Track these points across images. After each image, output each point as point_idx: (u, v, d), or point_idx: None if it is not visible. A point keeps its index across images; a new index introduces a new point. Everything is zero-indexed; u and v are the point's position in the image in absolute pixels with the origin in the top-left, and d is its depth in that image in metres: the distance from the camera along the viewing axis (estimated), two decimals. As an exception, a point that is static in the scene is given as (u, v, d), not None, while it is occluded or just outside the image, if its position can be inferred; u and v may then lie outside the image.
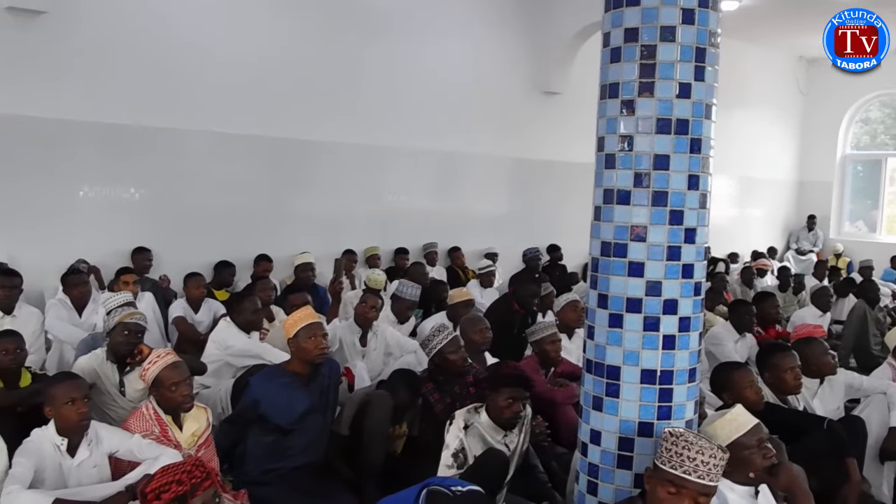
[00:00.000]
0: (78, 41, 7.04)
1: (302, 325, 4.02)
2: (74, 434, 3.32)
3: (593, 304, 3.09)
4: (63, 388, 3.31)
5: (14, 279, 5.49)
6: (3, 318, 5.32)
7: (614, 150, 2.97)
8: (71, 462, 3.31)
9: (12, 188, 6.84)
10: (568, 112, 10.45)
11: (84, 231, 7.25)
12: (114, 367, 4.40)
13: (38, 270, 6.57)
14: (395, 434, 4.48)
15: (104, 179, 7.47)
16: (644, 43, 2.86)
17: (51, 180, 7.07)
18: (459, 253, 9.89)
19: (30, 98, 6.81)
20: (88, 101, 7.12)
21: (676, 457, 2.52)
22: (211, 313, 6.55)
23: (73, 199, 7.28)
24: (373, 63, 8.99)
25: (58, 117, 6.98)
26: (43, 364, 5.41)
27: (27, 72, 6.77)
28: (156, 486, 2.37)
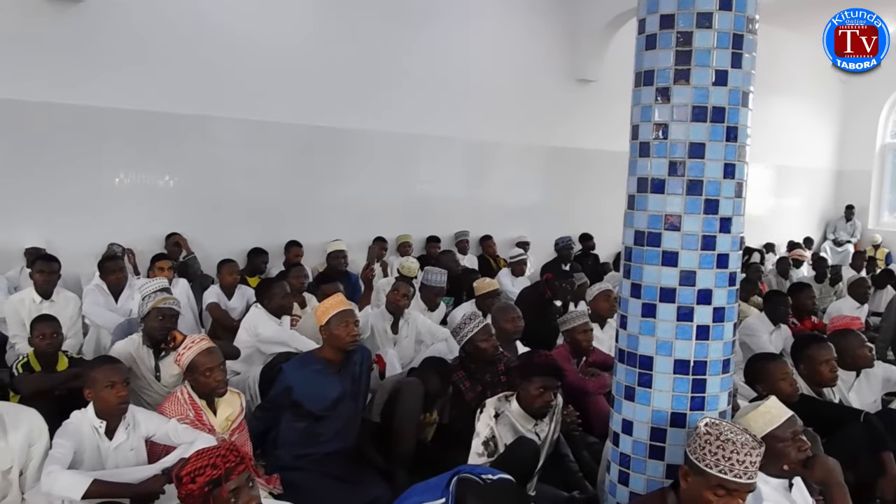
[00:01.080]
0: (114, 30, 7.11)
1: (334, 311, 4.04)
2: (113, 417, 3.38)
3: (626, 293, 3.07)
4: (103, 371, 3.37)
5: (53, 264, 5.57)
6: (42, 303, 5.41)
7: (649, 138, 2.94)
8: (109, 444, 3.37)
9: (49, 175, 6.96)
10: (602, 100, 10.36)
11: (119, 217, 7.35)
12: (149, 351, 4.47)
13: (75, 256, 6.69)
14: (425, 421, 4.50)
15: (139, 167, 7.57)
16: (680, 29, 2.83)
17: (87, 167, 7.18)
18: (491, 241, 9.87)
19: (66, 86, 6.91)
20: (124, 89, 7.20)
21: (725, 461, 2.46)
22: (244, 300, 6.60)
23: (109, 185, 7.39)
24: (405, 51, 8.98)
25: (94, 105, 7.08)
26: (80, 348, 5.50)
27: (63, 60, 6.87)
28: (191, 469, 2.39)
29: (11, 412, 3.30)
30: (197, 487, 2.35)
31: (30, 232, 6.87)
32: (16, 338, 5.32)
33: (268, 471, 3.87)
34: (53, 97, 6.86)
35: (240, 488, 2.38)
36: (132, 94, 7.25)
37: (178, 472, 2.44)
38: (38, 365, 4.33)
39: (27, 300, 5.42)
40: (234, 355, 4.95)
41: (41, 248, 6.67)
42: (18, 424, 3.26)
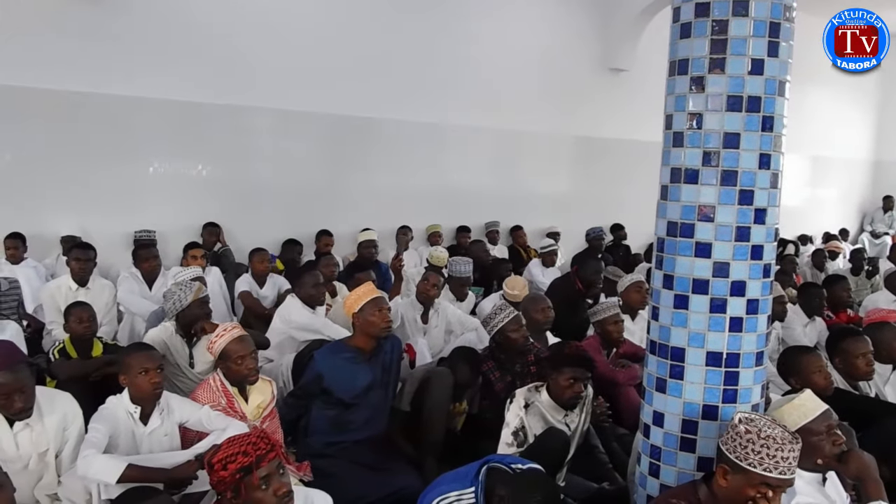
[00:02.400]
0: (148, 21, 7.20)
1: (367, 299, 4.06)
2: (147, 403, 3.43)
3: (658, 284, 3.04)
4: (137, 358, 3.41)
5: (89, 252, 5.65)
6: (78, 290, 5.48)
7: (683, 127, 2.91)
8: (143, 430, 3.42)
9: (85, 164, 7.07)
10: (634, 89, 10.27)
11: (153, 206, 7.45)
12: (182, 339, 4.52)
13: (109, 244, 6.80)
14: (455, 411, 4.51)
15: (173, 156, 7.66)
16: (716, 18, 2.79)
17: (121, 157, 7.28)
18: (521, 232, 9.84)
19: (102, 76, 7.00)
20: (158, 79, 7.28)
21: (770, 459, 2.43)
22: (275, 288, 6.65)
23: (143, 174, 7.49)
24: (436, 41, 8.96)
25: (128, 95, 7.17)
26: (115, 335, 5.57)
27: (98, 51, 6.96)
28: (222, 456, 2.42)
29: (47, 396, 3.36)
30: (228, 474, 2.38)
31: (65, 220, 7.00)
32: (52, 324, 5.41)
33: (298, 458, 3.90)
34: (88, 87, 6.96)
35: (270, 475, 2.41)
36: (166, 84, 7.32)
37: (209, 459, 2.46)
38: (73, 351, 4.41)
39: (63, 287, 5.50)
40: (264, 345, 4.99)
41: (77, 236, 6.79)
42: (53, 408, 3.32)
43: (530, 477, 2.77)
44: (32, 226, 6.81)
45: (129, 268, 6.28)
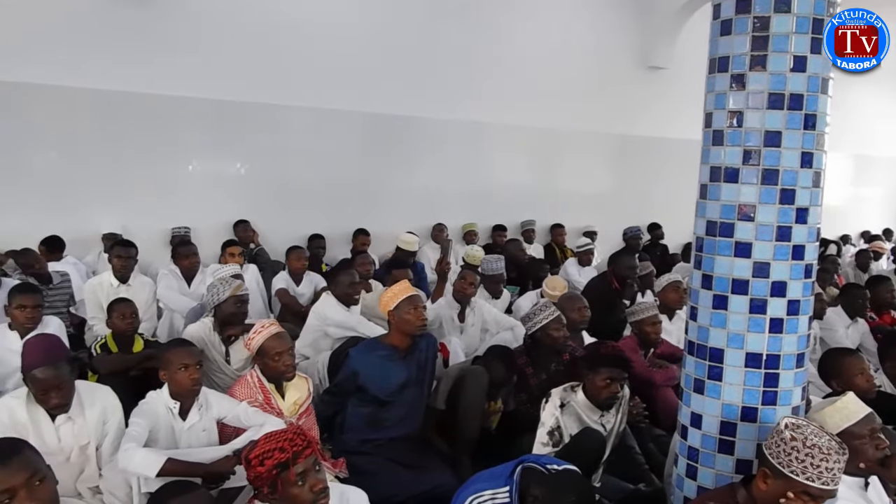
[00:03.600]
0: (187, 21, 7.31)
1: (403, 297, 4.06)
2: (186, 398, 3.47)
3: (697, 284, 3.01)
4: (177, 354, 3.46)
5: (130, 249, 5.73)
6: (119, 286, 5.56)
7: (723, 126, 2.87)
8: (182, 425, 3.46)
9: (125, 162, 7.21)
10: (673, 87, 10.16)
11: (191, 203, 7.56)
12: (220, 335, 4.58)
13: (149, 241, 6.90)
14: (490, 409, 4.50)
15: (211, 154, 7.78)
16: (757, 14, 2.75)
17: (161, 155, 7.41)
18: (561, 229, 9.81)
19: (141, 76, 7.13)
20: (196, 78, 7.39)
21: (813, 469, 2.38)
22: (312, 286, 6.69)
23: (183, 173, 7.61)
24: (473, 37, 8.95)
25: (167, 94, 7.29)
26: (154, 331, 5.65)
27: (139, 50, 7.09)
28: (259, 452, 2.44)
29: (87, 390, 3.41)
30: (265, 470, 2.40)
31: (106, 218, 7.13)
32: (94, 320, 5.50)
33: (334, 455, 3.91)
34: (128, 87, 7.08)
35: (307, 471, 2.42)
36: (205, 83, 7.43)
37: (246, 455, 2.49)
38: (115, 346, 4.49)
39: (105, 284, 5.58)
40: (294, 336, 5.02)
41: (118, 233, 6.90)
42: (94, 401, 3.37)
43: (565, 477, 2.75)
44: (74, 223, 6.96)
45: (167, 265, 6.36)
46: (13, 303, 4.35)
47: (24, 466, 2.18)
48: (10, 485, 2.12)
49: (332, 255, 8.10)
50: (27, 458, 2.23)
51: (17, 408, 3.20)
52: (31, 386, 3.15)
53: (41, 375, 3.11)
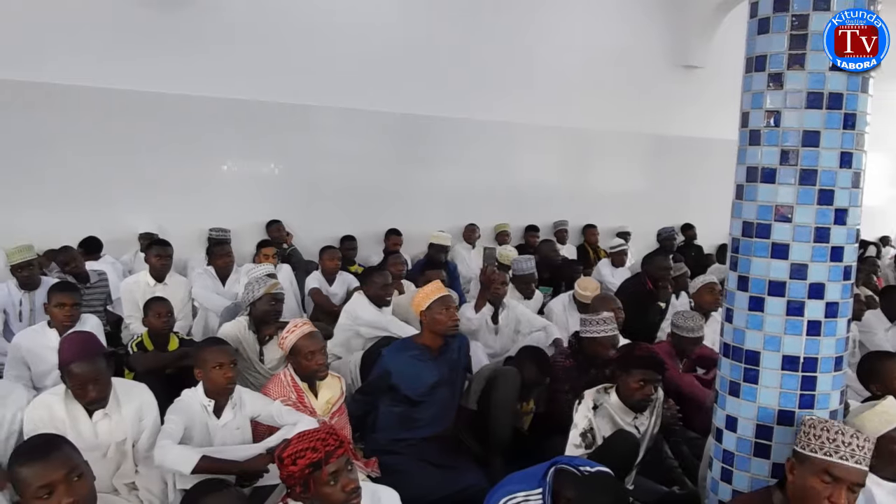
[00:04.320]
0: (220, 22, 7.38)
1: (435, 297, 4.07)
2: (220, 396, 3.51)
3: (733, 286, 2.98)
4: (212, 353, 3.50)
5: (167, 249, 5.80)
6: (155, 286, 5.62)
7: (759, 125, 2.84)
8: (217, 423, 3.50)
9: (160, 163, 7.31)
10: (709, 87, 10.06)
11: (225, 203, 7.65)
12: (254, 334, 4.61)
13: (183, 241, 6.96)
14: (522, 410, 4.49)
15: (244, 155, 7.85)
16: (795, 12, 2.71)
17: (196, 156, 7.51)
18: (594, 230, 9.76)
19: (175, 76, 7.23)
20: (229, 79, 7.47)
21: (830, 443, 2.40)
22: (345, 285, 6.72)
23: (217, 173, 7.69)
24: (502, 37, 8.93)
25: (200, 95, 7.38)
26: (189, 330, 5.71)
27: (173, 51, 7.19)
28: (292, 451, 2.45)
29: (124, 387, 3.45)
30: (298, 469, 2.41)
31: (142, 218, 7.21)
32: (130, 318, 5.56)
33: (366, 454, 3.93)
34: (164, 88, 7.18)
35: (339, 471, 2.43)
36: (237, 84, 7.51)
37: (279, 454, 2.50)
38: (151, 344, 4.55)
39: (142, 283, 5.65)
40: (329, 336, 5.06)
41: (154, 233, 6.98)
42: (130, 398, 3.41)
43: (599, 479, 2.73)
44: (111, 223, 7.08)
45: (202, 264, 6.42)
46: (52, 301, 4.41)
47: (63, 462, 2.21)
48: (49, 480, 2.16)
49: (364, 255, 8.14)
50: (66, 454, 2.26)
51: (55, 404, 3.25)
52: (68, 380, 3.20)
53: (78, 370, 3.16)
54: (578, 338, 4.48)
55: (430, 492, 3.68)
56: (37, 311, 5.22)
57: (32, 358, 4.38)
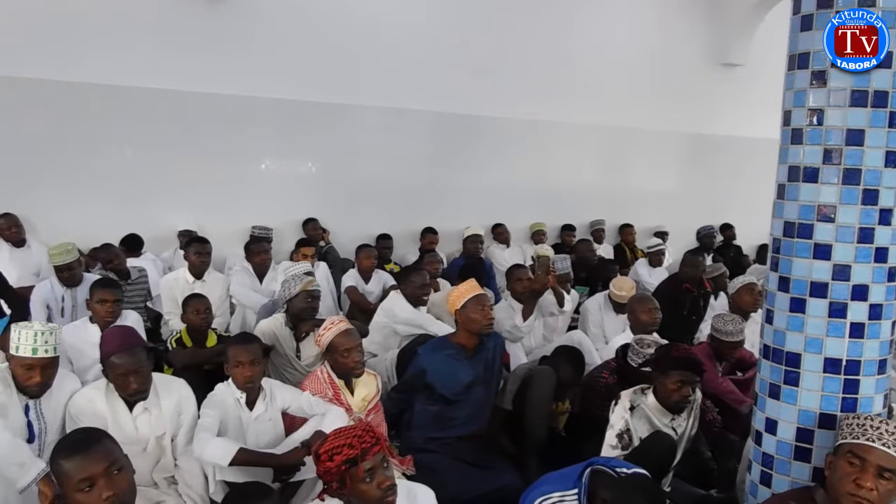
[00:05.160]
0: (260, 21, 7.44)
1: (469, 296, 4.07)
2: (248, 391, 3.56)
3: (773, 287, 2.93)
4: (233, 350, 3.58)
5: (206, 246, 5.88)
6: (194, 283, 5.70)
7: (802, 124, 2.79)
8: (249, 415, 3.56)
9: (200, 160, 7.38)
10: (749, 85, 9.92)
11: (264, 201, 7.71)
12: (291, 331, 4.65)
13: (222, 238, 7.04)
14: (557, 410, 4.47)
15: (283, 153, 7.91)
16: (840, 8, 2.66)
17: (235, 154, 7.58)
18: (630, 229, 9.67)
19: (214, 76, 7.30)
20: (268, 78, 7.52)
21: (859, 427, 2.42)
22: (381, 284, 6.74)
23: (255, 171, 7.76)
24: (540, 37, 8.89)
25: (240, 94, 7.44)
26: (227, 327, 5.78)
27: (212, 51, 7.25)
28: (329, 447, 2.46)
29: (163, 382, 3.51)
30: (334, 465, 2.42)
31: (182, 215, 7.30)
32: (169, 314, 5.64)
33: (401, 452, 3.94)
34: (203, 87, 7.26)
35: (375, 468, 2.43)
36: (276, 83, 7.56)
37: (316, 450, 2.52)
38: (189, 341, 4.61)
39: (181, 280, 5.73)
40: (365, 334, 5.08)
41: (193, 230, 7.06)
42: (169, 392, 3.46)
43: (635, 481, 2.71)
44: (152, 221, 7.18)
45: (240, 261, 6.48)
46: (94, 297, 4.49)
47: (103, 456, 2.24)
48: (90, 473, 2.19)
49: (400, 253, 8.16)
50: (106, 447, 2.29)
51: (96, 398, 3.31)
52: (109, 373, 3.26)
53: (119, 361, 3.22)
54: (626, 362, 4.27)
55: (465, 491, 3.68)
56: (79, 307, 5.31)
57: (74, 353, 4.46)
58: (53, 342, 3.27)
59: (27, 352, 3.19)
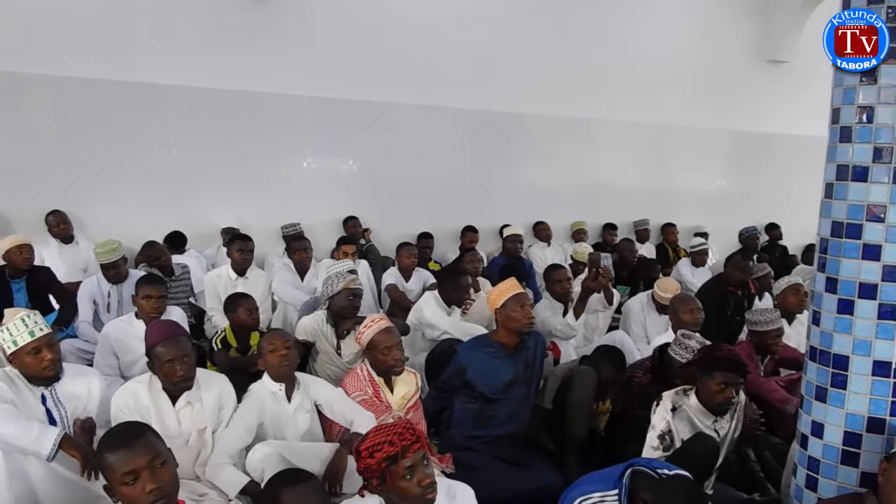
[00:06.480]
0: (301, 20, 7.52)
1: (509, 294, 4.05)
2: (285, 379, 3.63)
3: (821, 288, 2.88)
4: (266, 339, 3.68)
5: (249, 243, 5.93)
6: (237, 279, 5.77)
7: (851, 122, 2.73)
8: (288, 407, 3.60)
9: (244, 158, 7.46)
10: (796, 82, 9.75)
11: (305, 199, 7.79)
12: (332, 328, 4.68)
13: (263, 236, 7.12)
14: (598, 410, 4.43)
15: (325, 151, 7.97)
16: (892, 3, 2.60)
17: (278, 152, 7.64)
18: (673, 228, 9.58)
19: (260, 74, 7.39)
20: (312, 76, 7.60)
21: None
22: (421, 282, 6.76)
23: (297, 168, 7.84)
24: (582, 33, 8.85)
25: (282, 93, 7.52)
26: (269, 324, 5.82)
27: (254, 50, 7.35)
28: (369, 444, 2.48)
29: (205, 377, 3.56)
30: (375, 462, 2.43)
31: (225, 213, 7.40)
32: (213, 311, 5.71)
33: (441, 450, 3.95)
34: (246, 86, 7.35)
35: (415, 466, 2.44)
36: (319, 81, 7.64)
37: (357, 447, 2.53)
38: (233, 339, 4.64)
39: (224, 277, 5.80)
40: (405, 332, 5.09)
41: (236, 227, 7.14)
42: (210, 387, 3.52)
43: (676, 483, 2.67)
44: (195, 218, 7.30)
45: (281, 258, 6.53)
46: (140, 293, 4.56)
47: (147, 449, 2.28)
48: (134, 466, 2.23)
49: (440, 252, 8.18)
50: (150, 441, 2.33)
51: (140, 392, 3.37)
52: (155, 362, 3.32)
53: (164, 349, 3.27)
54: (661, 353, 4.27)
55: (504, 489, 3.67)
56: (125, 302, 5.41)
57: (121, 347, 4.54)
58: (41, 321, 3.32)
59: (26, 338, 3.23)
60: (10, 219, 6.61)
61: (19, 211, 6.65)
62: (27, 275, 5.60)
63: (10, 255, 5.52)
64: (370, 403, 3.79)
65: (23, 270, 5.58)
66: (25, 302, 5.44)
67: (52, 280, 5.75)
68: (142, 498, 2.22)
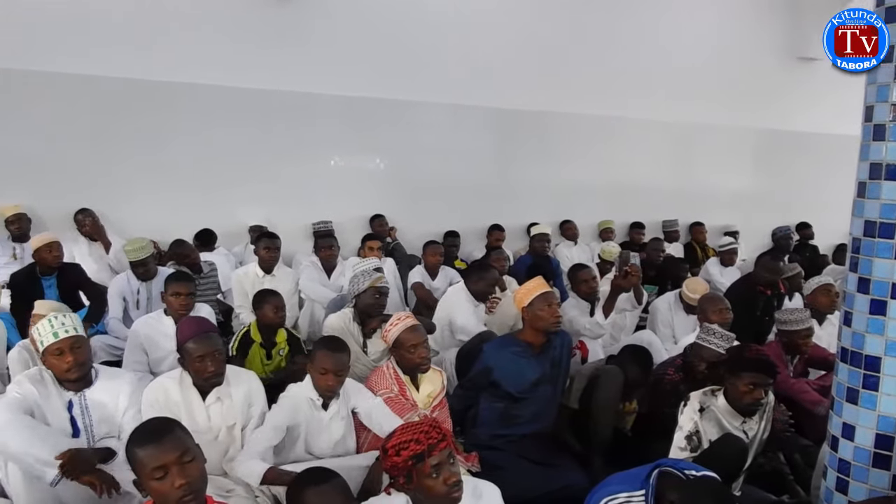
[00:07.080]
0: (326, 18, 7.55)
1: (536, 293, 4.04)
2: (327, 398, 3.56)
3: (852, 288, 2.84)
4: (320, 357, 3.51)
5: (276, 241, 5.95)
6: (264, 277, 5.79)
7: (885, 120, 2.70)
8: (325, 415, 3.57)
9: (271, 157, 7.51)
10: (827, 79, 9.50)
11: (332, 197, 7.82)
12: (359, 326, 4.69)
13: (290, 234, 7.15)
14: (624, 410, 4.41)
15: (351, 150, 8.00)
16: (895, 3, 2.57)
17: (304, 150, 7.69)
18: (701, 228, 9.50)
19: (286, 73, 7.45)
20: (337, 75, 7.63)
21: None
22: (447, 280, 6.75)
23: (324, 167, 7.87)
24: (609, 31, 8.81)
25: (309, 91, 7.57)
26: (296, 322, 5.85)
27: (283, 48, 7.39)
28: (396, 442, 2.49)
29: (234, 373, 3.56)
30: (401, 460, 2.44)
31: (253, 211, 7.45)
32: (240, 308, 5.76)
33: (466, 449, 3.94)
34: (273, 85, 7.40)
35: (441, 464, 2.44)
36: (345, 80, 7.67)
37: (384, 445, 2.54)
38: (258, 336, 4.65)
39: (251, 274, 5.83)
40: (431, 330, 5.08)
41: (263, 225, 7.19)
42: (239, 383, 3.52)
43: (704, 484, 2.65)
44: (223, 216, 7.34)
45: (308, 256, 6.56)
46: (168, 290, 4.61)
47: (175, 445, 2.29)
48: (163, 462, 2.25)
49: (467, 250, 8.18)
50: (179, 437, 2.35)
51: (170, 388, 3.39)
52: (186, 358, 3.34)
53: (194, 345, 3.30)
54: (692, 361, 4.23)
55: (530, 489, 3.66)
56: (154, 299, 5.46)
57: (150, 344, 4.58)
58: (70, 323, 3.32)
59: (50, 339, 3.25)
60: (43, 217, 6.70)
61: (51, 210, 6.74)
62: (57, 272, 5.68)
63: (39, 252, 5.60)
64: (396, 401, 3.79)
65: (53, 268, 5.66)
66: (56, 299, 5.49)
67: (82, 277, 5.83)
68: (171, 493, 2.24)
